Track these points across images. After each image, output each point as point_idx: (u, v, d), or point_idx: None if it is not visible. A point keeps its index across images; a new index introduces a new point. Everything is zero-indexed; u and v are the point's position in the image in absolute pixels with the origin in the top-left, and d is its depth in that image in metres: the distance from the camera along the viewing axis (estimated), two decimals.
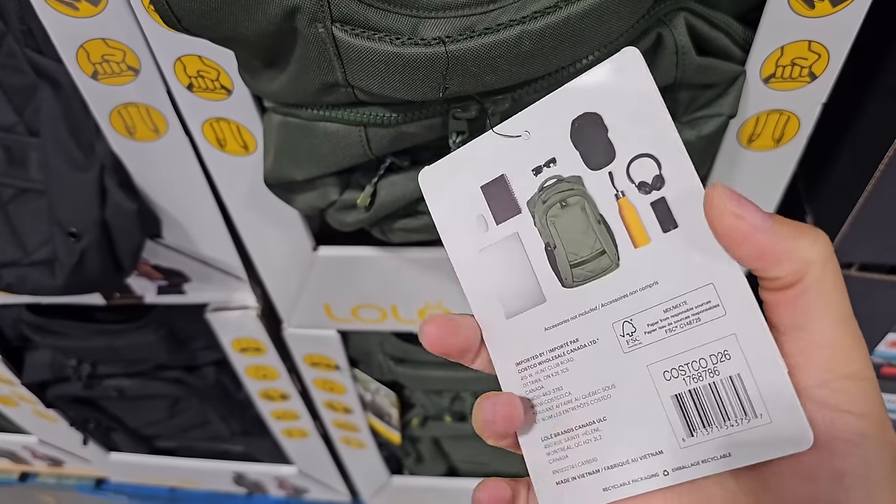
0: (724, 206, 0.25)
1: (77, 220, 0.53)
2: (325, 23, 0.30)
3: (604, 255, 0.28)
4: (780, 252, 0.24)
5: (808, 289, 0.24)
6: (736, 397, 0.26)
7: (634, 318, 0.28)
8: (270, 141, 0.40)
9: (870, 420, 0.24)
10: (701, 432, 0.27)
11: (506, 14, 0.30)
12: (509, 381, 0.30)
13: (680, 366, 0.27)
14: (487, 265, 0.30)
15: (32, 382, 0.82)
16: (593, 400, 0.29)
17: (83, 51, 0.43)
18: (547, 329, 0.29)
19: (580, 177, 0.28)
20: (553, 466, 0.30)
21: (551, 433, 0.30)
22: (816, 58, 0.38)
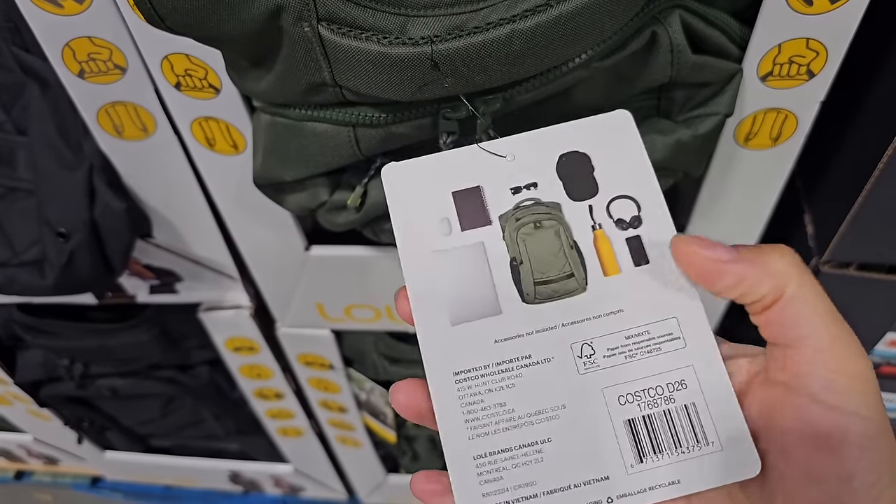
0: (692, 250, 0.27)
1: (66, 220, 0.52)
2: (310, 22, 0.30)
3: (571, 279, 0.29)
4: (756, 274, 0.25)
5: (793, 300, 0.25)
6: (689, 425, 0.27)
7: (595, 341, 0.28)
8: (259, 141, 0.39)
9: (875, 422, 0.24)
10: (651, 459, 0.27)
11: (496, 12, 0.29)
12: (442, 392, 0.28)
13: (636, 391, 0.28)
14: (441, 268, 0.29)
15: (25, 382, 0.82)
16: (540, 419, 0.27)
17: (69, 49, 0.42)
18: (497, 342, 0.28)
19: (560, 204, 0.29)
20: (483, 489, 0.27)
21: (486, 451, 0.27)
22: (814, 56, 0.38)
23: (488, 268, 0.29)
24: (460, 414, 0.27)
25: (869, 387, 0.24)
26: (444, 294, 0.29)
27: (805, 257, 0.51)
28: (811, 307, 0.25)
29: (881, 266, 0.50)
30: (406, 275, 0.29)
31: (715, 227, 0.50)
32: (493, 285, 0.29)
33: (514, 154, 0.29)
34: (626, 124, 0.29)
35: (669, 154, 0.39)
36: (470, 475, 0.27)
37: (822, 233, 0.50)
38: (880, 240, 0.48)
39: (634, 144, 0.29)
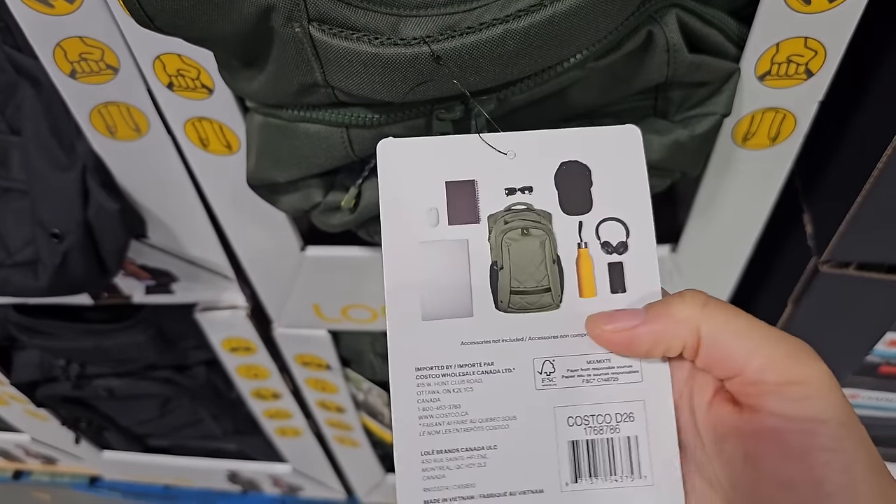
0: (597, 331, 0.28)
1: (59, 221, 0.52)
2: (301, 22, 0.29)
3: (547, 293, 0.29)
4: (667, 329, 0.27)
5: (711, 338, 0.26)
6: (628, 456, 0.28)
7: (557, 360, 0.28)
8: (252, 142, 0.39)
9: (838, 423, 0.24)
10: (585, 481, 0.28)
11: (489, 12, 0.29)
12: (401, 385, 0.28)
13: (586, 415, 0.28)
14: (422, 260, 0.28)
15: (21, 382, 0.81)
16: (490, 426, 0.28)
17: (60, 49, 0.42)
18: (464, 344, 0.28)
19: (551, 214, 0.29)
20: (425, 484, 0.28)
21: (433, 449, 0.28)
22: (813, 55, 0.37)
23: (468, 268, 0.29)
24: (415, 410, 0.28)
25: (824, 389, 0.24)
26: (421, 287, 0.28)
27: (804, 257, 0.51)
28: (732, 336, 0.26)
29: (880, 266, 0.50)
30: (386, 260, 0.29)
31: (713, 227, 0.50)
32: (469, 287, 0.28)
33: (515, 152, 0.29)
34: (633, 141, 0.29)
35: (667, 154, 0.38)
36: (415, 470, 0.28)
37: (822, 232, 0.50)
38: (879, 239, 0.47)
39: (637, 164, 0.29)
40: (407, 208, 0.29)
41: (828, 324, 0.56)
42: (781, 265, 0.56)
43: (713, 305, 0.26)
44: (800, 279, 0.52)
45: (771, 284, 0.58)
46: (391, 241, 0.29)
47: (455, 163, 0.29)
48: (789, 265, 0.54)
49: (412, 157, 0.29)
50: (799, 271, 0.52)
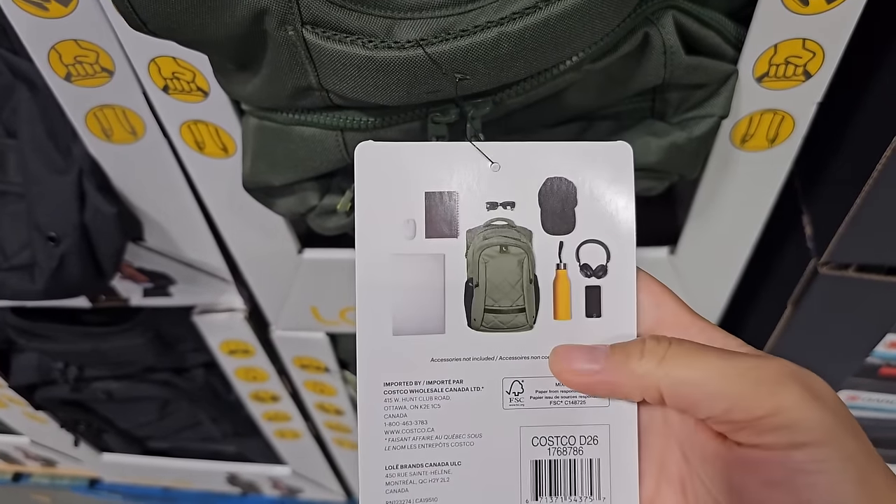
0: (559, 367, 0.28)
1: (56, 224, 0.52)
2: (294, 25, 0.29)
3: (522, 314, 0.28)
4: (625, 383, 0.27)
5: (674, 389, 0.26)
6: (588, 478, 0.29)
7: (526, 380, 0.28)
8: (248, 145, 0.39)
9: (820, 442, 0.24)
10: (545, 499, 0.29)
11: (484, 15, 0.29)
12: (369, 398, 0.28)
13: (550, 436, 0.29)
14: (395, 273, 0.28)
15: (20, 385, 0.81)
16: (455, 443, 0.28)
17: (55, 52, 0.42)
18: (434, 360, 0.28)
19: (532, 232, 0.28)
20: (388, 497, 0.28)
21: (398, 464, 0.28)
22: (811, 56, 0.37)
23: (443, 284, 0.28)
24: (381, 424, 0.28)
25: (797, 413, 0.24)
26: (393, 302, 0.28)
27: (804, 259, 0.50)
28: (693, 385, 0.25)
29: (880, 267, 0.50)
30: (358, 270, 0.28)
31: (712, 229, 0.50)
32: (443, 303, 0.28)
33: (501, 163, 0.28)
34: (624, 159, 0.28)
35: (664, 156, 0.38)
36: (378, 483, 0.28)
37: (821, 234, 0.49)
38: (879, 241, 0.47)
39: (625, 184, 0.28)
40: (383, 218, 0.28)
41: (828, 326, 0.55)
42: (781, 267, 0.56)
43: (672, 357, 0.26)
44: (799, 281, 0.52)
45: (770, 286, 0.58)
46: (364, 251, 0.28)
47: (436, 172, 0.28)
48: (789, 267, 0.54)
49: (392, 163, 0.28)
50: (798, 273, 0.52)
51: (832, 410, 0.24)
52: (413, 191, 0.28)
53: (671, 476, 0.29)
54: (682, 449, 0.28)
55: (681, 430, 0.28)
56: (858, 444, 0.24)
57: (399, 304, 0.28)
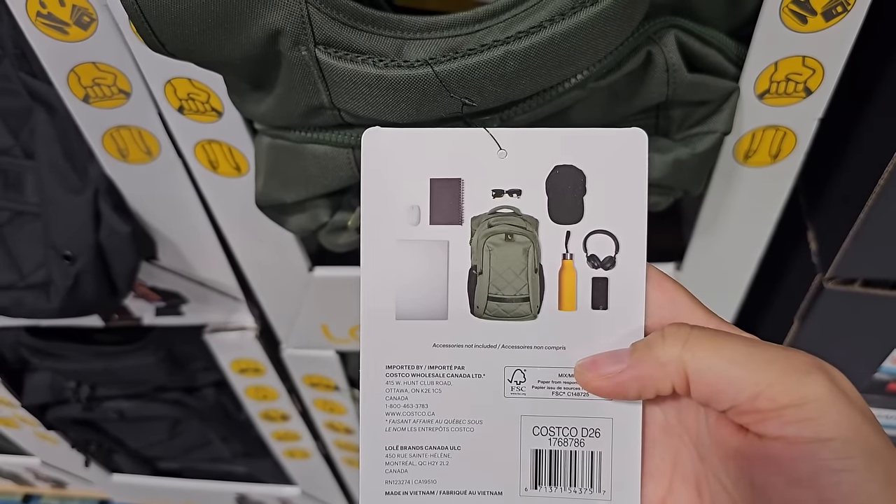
0: (584, 379, 0.28)
1: (71, 243, 0.53)
2: (307, 45, 0.30)
3: (525, 303, 0.28)
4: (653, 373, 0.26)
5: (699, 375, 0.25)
6: (589, 470, 0.29)
7: (529, 370, 0.28)
8: (261, 163, 0.40)
9: (844, 440, 0.23)
10: (545, 488, 0.29)
11: (491, 34, 0.30)
12: (371, 381, 0.28)
13: (551, 427, 0.29)
14: (400, 259, 0.28)
15: (32, 405, 0.82)
16: (455, 428, 0.29)
17: (74, 74, 0.43)
18: (436, 346, 0.28)
19: (538, 221, 0.28)
20: (387, 477, 0.29)
21: (398, 445, 0.29)
22: (811, 73, 0.38)
23: (447, 270, 0.28)
24: (383, 405, 0.28)
25: (824, 407, 0.23)
26: (397, 286, 0.28)
27: (809, 274, 0.51)
28: (718, 370, 0.25)
29: (886, 282, 0.50)
30: (363, 255, 0.28)
31: (717, 245, 0.50)
32: (446, 289, 0.28)
33: (508, 149, 0.28)
34: (638, 147, 0.27)
35: (668, 172, 0.39)
36: (378, 462, 0.29)
37: (826, 249, 0.50)
38: (884, 255, 0.48)
39: (639, 174, 0.27)
40: (388, 204, 0.28)
41: (834, 341, 0.56)
42: (787, 283, 0.56)
43: (695, 340, 0.26)
44: (805, 296, 0.52)
45: (777, 302, 0.58)
46: (370, 236, 0.28)
47: (442, 158, 0.28)
48: (795, 282, 0.54)
49: (399, 149, 0.28)
50: (804, 288, 0.52)
51: (858, 407, 0.24)
52: (419, 177, 0.28)
53: (686, 476, 0.28)
54: (698, 448, 0.28)
55: (697, 428, 0.28)
56: (883, 441, 0.24)
57: (402, 289, 0.28)
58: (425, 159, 0.28)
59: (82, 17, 0.40)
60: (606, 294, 0.28)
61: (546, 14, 0.29)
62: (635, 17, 0.31)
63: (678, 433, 0.29)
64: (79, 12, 0.40)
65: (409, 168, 0.28)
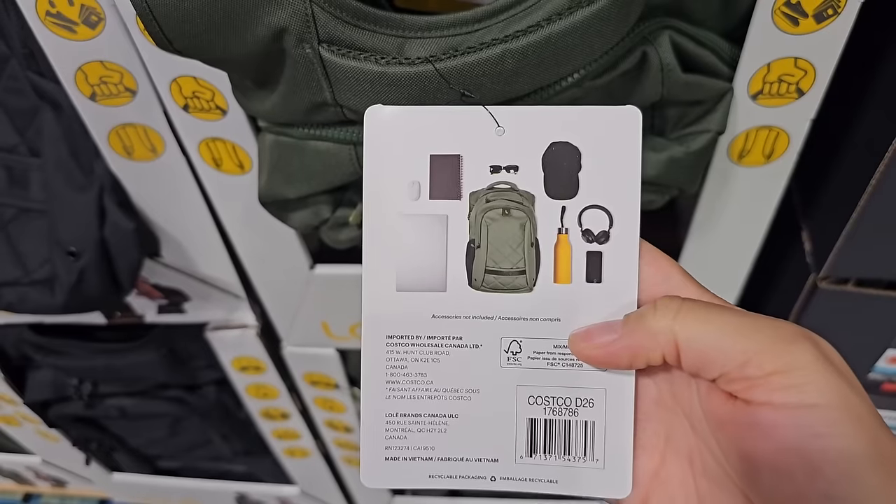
0: (577, 349, 0.29)
1: (76, 240, 0.53)
2: (311, 43, 0.31)
3: (522, 276, 0.29)
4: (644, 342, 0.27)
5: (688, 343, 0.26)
6: (583, 439, 0.30)
7: (525, 341, 0.29)
8: (264, 160, 0.40)
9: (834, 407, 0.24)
10: (540, 456, 0.30)
11: (490, 33, 0.31)
12: (372, 350, 0.30)
13: (546, 396, 0.29)
14: (401, 232, 0.29)
15: (34, 402, 0.83)
16: (453, 396, 0.30)
17: (81, 73, 0.44)
18: (435, 317, 0.29)
19: (534, 196, 0.29)
20: (387, 443, 0.30)
21: (397, 412, 0.30)
22: (803, 74, 0.39)
23: (445, 244, 0.29)
24: (383, 374, 0.29)
25: (810, 374, 0.24)
26: (397, 258, 0.29)
27: (803, 274, 0.52)
28: (708, 339, 0.26)
29: (879, 282, 0.51)
30: (365, 228, 0.29)
31: (712, 244, 0.51)
32: (445, 262, 0.29)
33: (506, 127, 0.29)
34: (632, 125, 0.28)
35: (663, 170, 0.40)
36: (379, 428, 0.30)
37: (820, 249, 0.50)
38: (877, 255, 0.48)
39: (632, 150, 0.28)
40: (389, 179, 0.29)
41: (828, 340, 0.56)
42: (782, 283, 0.57)
43: (686, 311, 0.26)
44: (799, 296, 0.53)
45: (771, 301, 0.59)
46: (371, 210, 0.29)
47: (442, 136, 0.29)
48: (789, 282, 0.55)
49: (399, 126, 0.29)
50: (799, 288, 0.53)
51: (844, 375, 0.24)
52: (419, 153, 0.29)
53: (679, 448, 0.29)
54: (690, 420, 0.28)
55: (689, 401, 0.28)
56: (868, 409, 0.24)
57: (403, 261, 0.29)
58: (425, 136, 0.29)
59: (90, 17, 0.41)
60: (600, 267, 0.29)
61: (543, 14, 0.30)
62: (630, 17, 0.32)
63: (671, 406, 0.29)
64: (87, 11, 0.41)
65: (409, 144, 0.29)
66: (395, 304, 0.29)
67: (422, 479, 0.30)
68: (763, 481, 0.25)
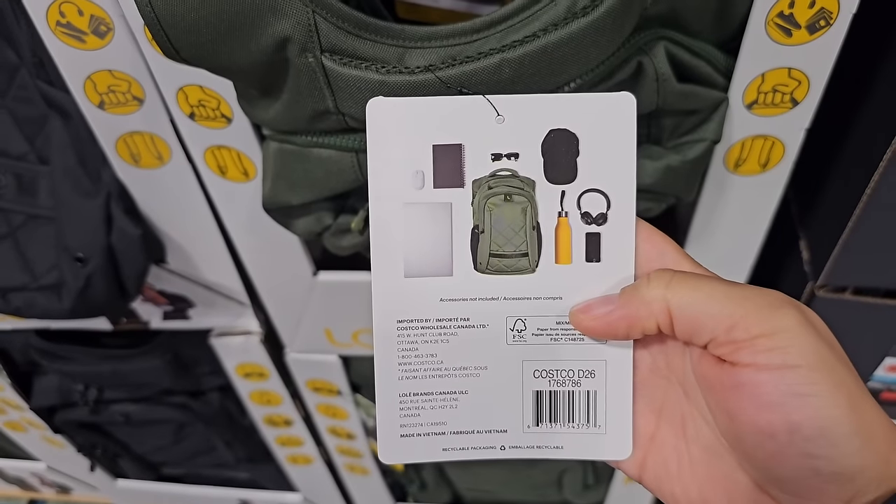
0: (577, 320, 0.30)
1: (84, 246, 0.54)
2: (314, 53, 0.32)
3: (525, 258, 0.30)
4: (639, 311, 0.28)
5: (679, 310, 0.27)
6: (586, 407, 0.31)
7: (529, 319, 0.31)
8: (268, 167, 0.41)
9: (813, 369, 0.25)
10: (545, 425, 0.32)
11: (488, 43, 0.31)
12: (384, 335, 0.31)
13: (550, 369, 0.31)
14: (406, 220, 0.30)
15: (40, 407, 0.83)
16: (462, 374, 0.31)
17: (90, 82, 0.45)
18: (443, 300, 0.31)
19: (535, 182, 0.30)
20: (402, 421, 0.31)
21: (410, 392, 0.31)
22: (797, 84, 0.39)
23: (450, 230, 0.30)
24: (395, 356, 0.31)
25: (793, 337, 0.25)
26: (404, 246, 0.30)
27: (801, 283, 0.52)
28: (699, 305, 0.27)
29: (877, 290, 0.51)
30: (372, 218, 0.30)
31: (710, 250, 0.51)
32: (451, 248, 0.30)
33: (505, 115, 0.30)
34: (627, 110, 0.29)
35: (660, 178, 0.40)
36: (393, 408, 0.31)
37: (817, 258, 0.51)
38: (874, 263, 0.48)
39: (627, 136, 0.29)
40: (394, 169, 0.30)
41: None
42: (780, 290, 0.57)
43: (678, 281, 0.28)
44: None
45: None
46: (377, 200, 0.30)
47: (444, 125, 0.30)
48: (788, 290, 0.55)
49: (402, 117, 0.30)
50: (797, 296, 0.53)
51: (826, 341, 0.26)
52: (422, 143, 0.30)
53: (673, 414, 0.30)
54: (684, 388, 0.30)
55: (683, 369, 0.30)
56: (849, 373, 0.25)
57: (410, 248, 0.30)
58: (427, 126, 0.30)
59: (99, 27, 0.42)
60: (599, 248, 0.30)
61: (540, 24, 0.31)
62: (625, 28, 0.33)
63: (665, 374, 0.31)
64: (96, 22, 0.42)
65: (412, 135, 0.30)
66: (404, 289, 0.31)
67: (436, 453, 0.32)
68: (747, 440, 0.27)
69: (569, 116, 0.30)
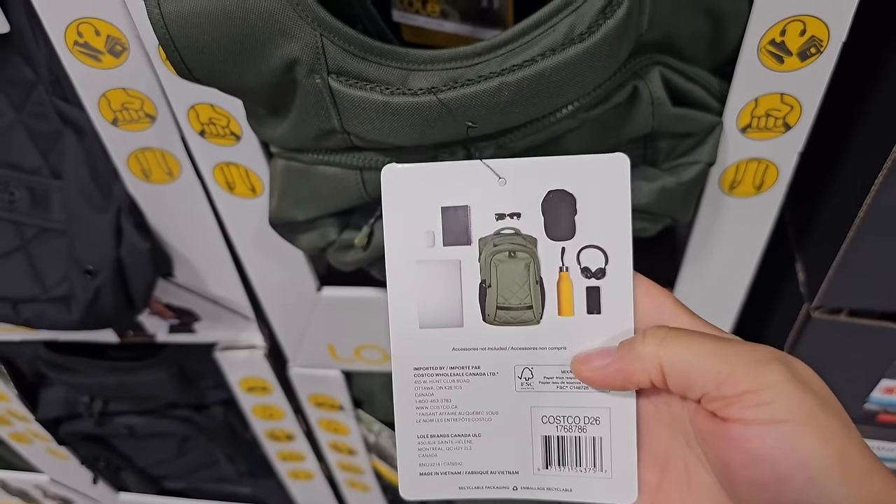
0: (577, 370, 0.32)
1: (94, 258, 0.55)
2: (321, 74, 0.33)
3: (529, 310, 0.32)
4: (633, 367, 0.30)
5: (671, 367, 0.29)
6: (592, 452, 0.33)
7: (535, 368, 0.32)
8: (275, 184, 0.42)
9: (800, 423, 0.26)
10: (555, 468, 0.33)
11: (488, 67, 0.33)
12: (402, 381, 0.33)
13: (557, 416, 0.33)
14: (420, 277, 0.32)
15: (46, 418, 0.84)
16: (475, 418, 0.33)
17: (105, 99, 0.46)
18: (455, 350, 0.33)
19: (536, 239, 0.32)
20: (420, 461, 0.34)
21: (428, 434, 0.33)
22: (789, 109, 0.40)
23: (460, 285, 0.32)
24: (413, 401, 0.33)
25: (780, 392, 0.26)
26: (419, 299, 0.32)
27: (797, 304, 0.53)
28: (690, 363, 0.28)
29: (872, 312, 0.52)
30: (389, 275, 0.33)
31: (707, 271, 0.52)
32: (461, 301, 0.32)
33: (507, 178, 0.32)
34: (620, 169, 0.31)
35: (655, 199, 0.41)
36: (412, 447, 0.34)
37: (813, 280, 0.51)
38: (869, 285, 0.49)
39: (622, 192, 0.31)
40: (407, 230, 0.32)
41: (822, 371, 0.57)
42: (777, 312, 0.58)
43: (672, 338, 0.29)
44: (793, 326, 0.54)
45: (766, 332, 0.60)
46: (393, 259, 0.32)
47: (451, 188, 0.32)
48: (784, 312, 0.56)
49: (413, 182, 0.32)
50: (793, 318, 0.54)
51: (814, 392, 0.26)
52: (431, 205, 0.32)
53: (677, 463, 0.31)
54: (685, 438, 0.31)
55: (683, 420, 0.31)
56: (839, 424, 0.26)
57: (424, 302, 0.32)
58: (436, 190, 0.32)
59: (115, 46, 0.43)
60: (599, 301, 0.32)
61: (539, 49, 0.32)
62: (620, 54, 0.34)
63: (668, 424, 0.32)
64: (112, 42, 0.43)
65: (422, 198, 0.32)
66: (419, 339, 0.33)
67: (453, 491, 0.34)
68: (741, 490, 0.28)
69: (566, 177, 0.31)
